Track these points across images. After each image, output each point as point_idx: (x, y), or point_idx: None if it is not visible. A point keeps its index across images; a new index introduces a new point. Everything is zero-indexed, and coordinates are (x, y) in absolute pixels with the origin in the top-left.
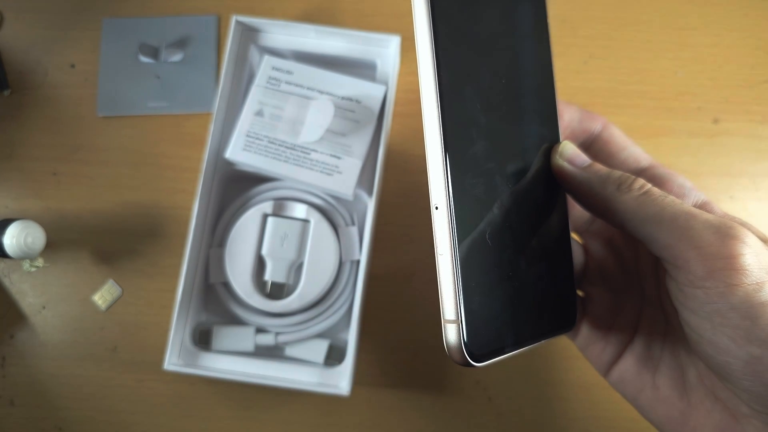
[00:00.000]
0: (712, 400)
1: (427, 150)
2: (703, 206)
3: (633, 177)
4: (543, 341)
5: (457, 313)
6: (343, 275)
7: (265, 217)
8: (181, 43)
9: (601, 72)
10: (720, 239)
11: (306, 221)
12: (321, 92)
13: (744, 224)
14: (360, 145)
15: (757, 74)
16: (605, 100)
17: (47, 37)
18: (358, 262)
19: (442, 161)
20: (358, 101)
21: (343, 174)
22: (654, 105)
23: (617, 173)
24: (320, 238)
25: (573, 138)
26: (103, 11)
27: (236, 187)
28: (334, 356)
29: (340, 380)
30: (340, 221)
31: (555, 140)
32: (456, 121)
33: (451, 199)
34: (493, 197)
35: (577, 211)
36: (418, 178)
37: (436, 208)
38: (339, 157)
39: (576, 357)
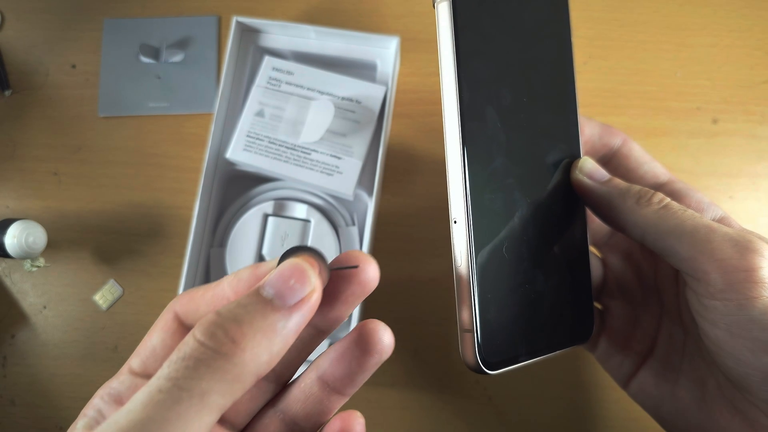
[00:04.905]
0: (731, 411)
1: (448, 166)
2: (721, 221)
3: (652, 191)
4: (558, 352)
5: (473, 323)
6: None
7: (265, 217)
8: (181, 44)
9: (601, 72)
10: (739, 252)
11: (306, 221)
12: (321, 93)
13: (762, 238)
14: (360, 145)
15: (756, 74)
16: (605, 100)
17: (48, 37)
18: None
19: (462, 178)
20: (358, 102)
21: (343, 174)
22: (653, 105)
23: (636, 187)
24: (320, 238)
25: (593, 153)
26: (104, 12)
27: (237, 187)
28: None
29: None
30: (340, 221)
31: (576, 155)
32: (476, 139)
33: (470, 213)
34: (511, 211)
35: (595, 224)
36: (419, 178)
37: (455, 222)
38: (339, 158)
39: (576, 357)
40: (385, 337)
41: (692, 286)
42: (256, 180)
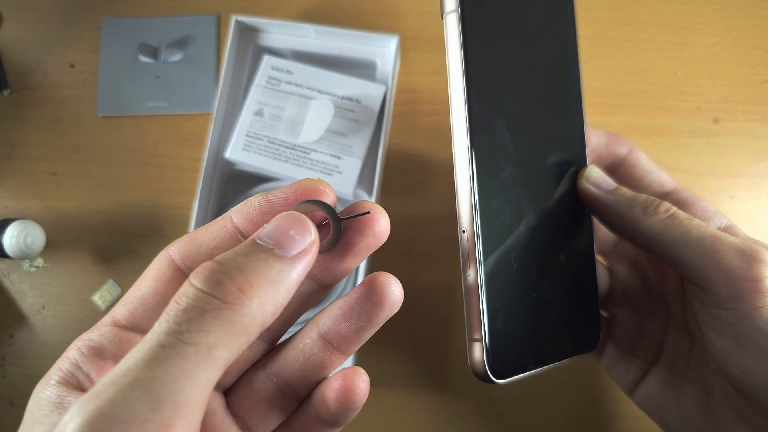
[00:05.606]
0: (737, 419)
1: (456, 177)
2: (726, 229)
3: (659, 200)
4: (565, 360)
5: (482, 333)
6: None
7: None
8: (180, 43)
9: (602, 72)
10: (745, 262)
11: None
12: (321, 92)
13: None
14: (360, 144)
15: (757, 74)
16: (605, 99)
17: (47, 37)
18: None
19: (471, 189)
20: (358, 101)
21: (343, 174)
22: (654, 105)
23: (643, 196)
24: None
25: (599, 161)
26: (103, 11)
27: (236, 187)
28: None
29: None
30: None
31: (582, 164)
32: (485, 150)
33: (478, 224)
34: (519, 221)
35: (602, 233)
36: (419, 178)
37: (463, 231)
38: (339, 157)
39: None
40: (396, 290)
41: (698, 295)
42: (255, 180)
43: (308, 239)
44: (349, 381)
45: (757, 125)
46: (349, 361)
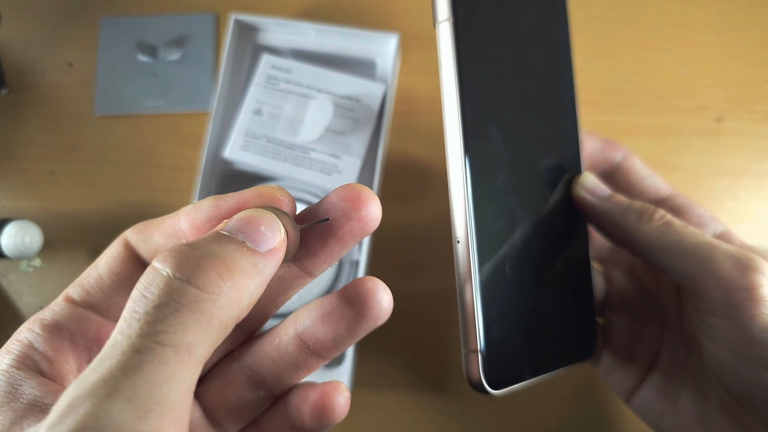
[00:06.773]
0: (733, 427)
1: (450, 186)
2: (721, 236)
3: (653, 207)
4: (562, 369)
5: (477, 343)
6: (342, 276)
7: None
8: (179, 42)
9: (603, 71)
10: (740, 270)
11: None
12: (320, 91)
13: (763, 255)
14: (359, 144)
15: (760, 73)
16: (607, 99)
17: (45, 36)
18: (357, 262)
19: (464, 199)
20: (357, 100)
21: (342, 173)
22: (656, 104)
23: (638, 203)
24: None
25: (594, 167)
26: (101, 10)
27: (235, 187)
28: (334, 358)
29: None
30: None
31: (577, 171)
32: (479, 159)
33: (473, 233)
34: (514, 230)
35: (597, 240)
36: (418, 178)
37: (458, 242)
38: (338, 157)
39: None
40: (384, 299)
41: (694, 303)
42: (254, 179)
43: (278, 237)
44: (327, 398)
45: (760, 124)
46: (347, 360)
